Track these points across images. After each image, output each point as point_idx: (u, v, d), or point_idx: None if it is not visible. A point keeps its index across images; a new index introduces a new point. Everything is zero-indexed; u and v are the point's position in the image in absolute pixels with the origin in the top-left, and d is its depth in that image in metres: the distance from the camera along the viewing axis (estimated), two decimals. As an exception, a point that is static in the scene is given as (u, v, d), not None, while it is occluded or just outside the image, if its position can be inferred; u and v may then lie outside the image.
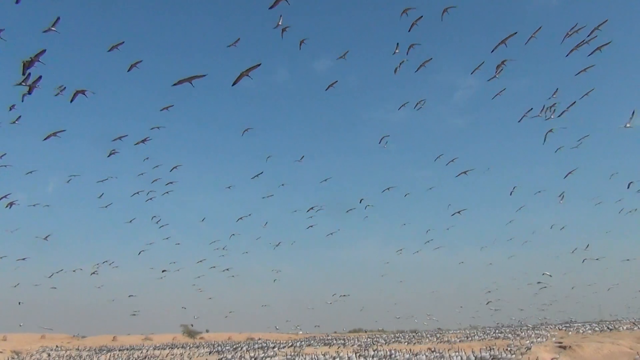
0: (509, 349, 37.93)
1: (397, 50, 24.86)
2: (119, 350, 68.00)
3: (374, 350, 40.47)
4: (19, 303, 60.91)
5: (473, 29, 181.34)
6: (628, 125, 24.14)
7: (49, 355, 68.71)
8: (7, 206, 28.18)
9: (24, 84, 17.58)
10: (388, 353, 36.43)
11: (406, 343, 50.15)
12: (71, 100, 20.51)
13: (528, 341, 43.13)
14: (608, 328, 55.59)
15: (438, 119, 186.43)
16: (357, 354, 37.20)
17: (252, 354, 41.48)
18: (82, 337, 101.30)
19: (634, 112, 23.78)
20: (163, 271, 49.94)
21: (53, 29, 19.49)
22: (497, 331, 61.08)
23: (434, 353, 35.51)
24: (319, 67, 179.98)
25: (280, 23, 21.95)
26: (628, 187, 32.72)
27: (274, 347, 49.37)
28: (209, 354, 51.64)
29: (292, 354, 40.98)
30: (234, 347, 56.32)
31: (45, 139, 22.98)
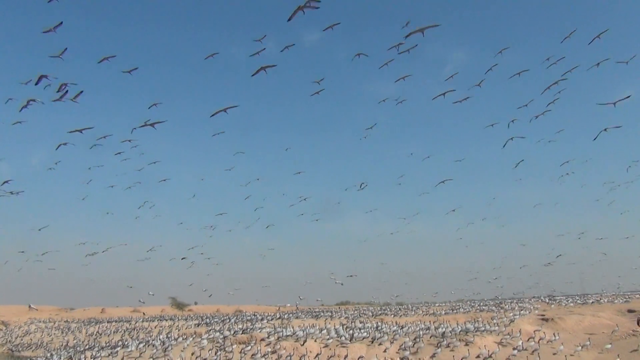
0: (493, 321, 38.65)
1: (407, 25, 24.13)
2: (108, 322, 68.23)
3: (360, 323, 41.00)
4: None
5: (462, 2, 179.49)
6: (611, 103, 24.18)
7: (37, 327, 68.76)
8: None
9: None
10: (375, 325, 36.91)
11: (392, 315, 50.87)
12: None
13: (512, 314, 43.89)
14: (590, 301, 56.89)
15: (427, 93, 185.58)
16: (345, 326, 37.62)
17: (240, 326, 41.78)
18: (70, 309, 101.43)
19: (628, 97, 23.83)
20: (182, 258, 51.32)
21: (54, 30, 19.63)
22: (481, 304, 62.18)
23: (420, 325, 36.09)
24: (309, 40, 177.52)
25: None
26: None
27: (262, 320, 49.78)
28: (197, 325, 51.96)
29: (280, 325, 41.35)
30: (222, 319, 56.74)
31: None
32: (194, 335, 39.39)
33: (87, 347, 42.91)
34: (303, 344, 30.42)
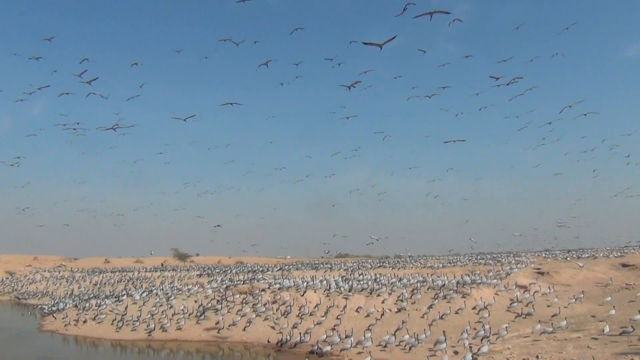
0: (489, 274, 39.32)
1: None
2: (111, 272, 69.62)
3: (359, 275, 41.74)
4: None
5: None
6: None
7: (42, 276, 70.14)
8: None
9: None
10: (373, 277, 37.57)
11: (391, 268, 51.77)
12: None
13: (508, 267, 44.60)
14: (585, 256, 57.77)
15: (431, 47, 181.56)
16: (344, 278, 38.30)
17: (241, 277, 42.60)
18: (74, 259, 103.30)
19: None
20: (216, 226, 51.97)
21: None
22: (478, 257, 63.18)
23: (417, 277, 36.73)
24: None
25: None
26: None
27: (262, 271, 50.74)
28: (199, 276, 53.02)
29: (281, 277, 42.14)
30: (224, 270, 57.83)
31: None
32: (197, 285, 40.21)
33: (91, 295, 43.93)
34: (303, 295, 31.04)
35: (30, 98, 32.19)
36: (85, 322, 32.10)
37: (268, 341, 25.38)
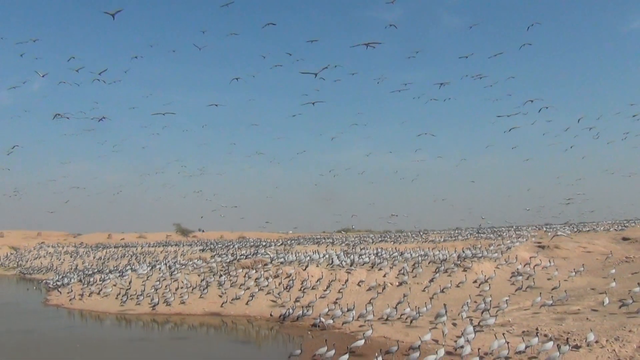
0: (490, 248, 39.51)
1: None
2: (115, 247, 70.22)
3: (361, 249, 41.99)
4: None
5: None
6: None
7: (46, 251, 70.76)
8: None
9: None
10: (375, 251, 37.79)
11: (392, 242, 52.04)
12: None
13: (509, 241, 44.78)
14: (586, 229, 57.92)
15: (433, 19, 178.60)
16: (345, 252, 38.55)
17: (243, 251, 42.91)
18: (77, 234, 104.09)
19: None
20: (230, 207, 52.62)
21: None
22: (479, 232, 63.39)
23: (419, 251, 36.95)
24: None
25: None
26: None
27: (265, 246, 51.08)
28: (202, 251, 53.46)
29: (283, 251, 42.44)
30: (226, 245, 58.25)
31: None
32: (200, 260, 40.57)
33: (96, 270, 44.37)
34: (305, 269, 31.29)
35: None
36: (90, 296, 32.52)
37: (271, 315, 25.69)
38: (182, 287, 30.99)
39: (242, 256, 38.20)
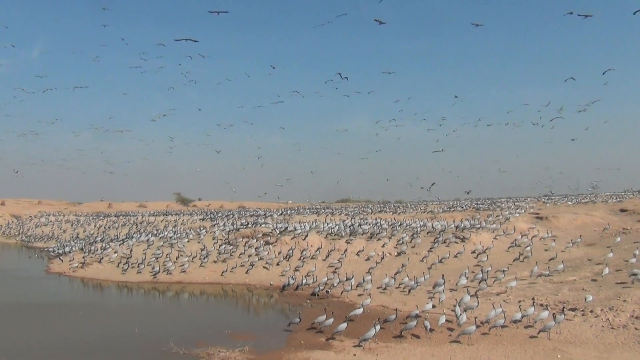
0: (489, 219, 39.71)
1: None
2: (115, 216, 70.55)
3: (360, 219, 42.20)
4: (15, 171, 62.01)
5: None
6: None
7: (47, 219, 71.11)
8: None
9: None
10: (374, 221, 37.99)
11: (391, 213, 52.29)
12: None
13: (507, 212, 44.99)
14: (584, 201, 58.12)
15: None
16: (345, 223, 38.74)
17: (243, 221, 43.10)
18: (78, 203, 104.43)
19: None
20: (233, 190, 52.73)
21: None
22: (478, 203, 63.62)
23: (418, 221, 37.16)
24: None
25: None
26: None
27: (265, 215, 51.28)
28: (202, 220, 53.74)
29: (283, 221, 42.65)
30: (226, 214, 58.49)
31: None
32: (201, 229, 40.80)
33: (97, 239, 44.68)
34: (305, 239, 31.51)
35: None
36: (91, 264, 32.82)
37: (270, 284, 26.00)
38: (182, 256, 31.24)
39: (243, 226, 38.39)
